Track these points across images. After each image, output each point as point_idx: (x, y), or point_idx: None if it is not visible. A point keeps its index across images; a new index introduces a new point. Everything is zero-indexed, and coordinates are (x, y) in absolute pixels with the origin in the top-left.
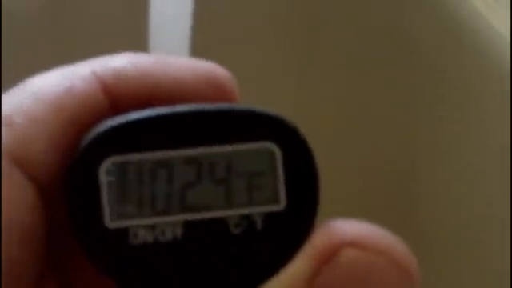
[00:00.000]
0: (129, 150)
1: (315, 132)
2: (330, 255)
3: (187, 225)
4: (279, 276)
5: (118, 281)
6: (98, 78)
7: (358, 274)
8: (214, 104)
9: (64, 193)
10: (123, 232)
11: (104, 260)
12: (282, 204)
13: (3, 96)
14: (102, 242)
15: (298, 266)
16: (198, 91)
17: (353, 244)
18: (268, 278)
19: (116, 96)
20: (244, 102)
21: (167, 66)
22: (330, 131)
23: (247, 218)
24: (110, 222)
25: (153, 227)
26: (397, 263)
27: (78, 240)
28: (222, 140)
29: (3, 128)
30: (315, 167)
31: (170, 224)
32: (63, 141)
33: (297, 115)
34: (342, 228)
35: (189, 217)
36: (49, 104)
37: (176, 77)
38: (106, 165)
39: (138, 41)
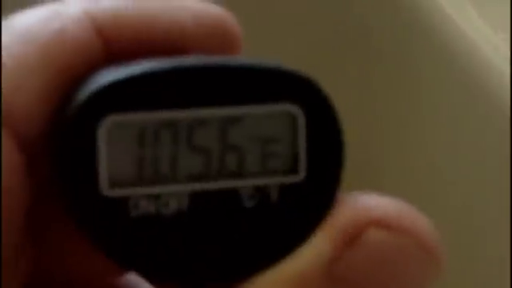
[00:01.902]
0: (131, 108)
1: None
2: (355, 236)
3: (194, 195)
4: (296, 256)
5: (113, 256)
6: (92, 19)
7: (382, 256)
8: (227, 58)
9: (54, 154)
10: (122, 201)
11: (99, 232)
12: (301, 175)
13: None
14: (98, 212)
15: (317, 246)
16: (205, 41)
17: (378, 223)
18: (282, 258)
19: (111, 40)
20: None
21: (170, 8)
22: None
23: (262, 189)
24: (108, 190)
25: (155, 197)
26: (423, 244)
27: (70, 209)
28: (235, 100)
29: None
30: (341, 135)
31: (175, 194)
32: (54, 92)
33: None
34: (367, 204)
35: (196, 187)
36: (39, 49)
37: (180, 22)
38: (105, 124)
39: None
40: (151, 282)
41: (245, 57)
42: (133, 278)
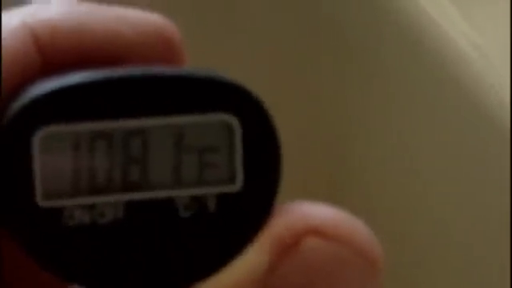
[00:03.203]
0: (65, 119)
1: None
2: (291, 245)
3: (130, 205)
4: (233, 267)
5: (49, 268)
6: (29, 30)
7: (319, 265)
8: (163, 67)
9: None
10: (57, 212)
11: (34, 243)
12: (238, 184)
13: None
14: (33, 223)
15: (253, 257)
16: (144, 50)
17: (315, 232)
18: (219, 269)
19: (49, 52)
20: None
21: (109, 18)
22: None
23: (199, 199)
24: (43, 201)
25: (90, 207)
26: (361, 252)
27: (5, 220)
28: (171, 110)
29: None
30: (278, 145)
31: (111, 204)
32: None
33: None
34: (303, 213)
35: (132, 196)
36: None
37: (118, 31)
38: (40, 135)
39: None
40: None
41: (185, 66)
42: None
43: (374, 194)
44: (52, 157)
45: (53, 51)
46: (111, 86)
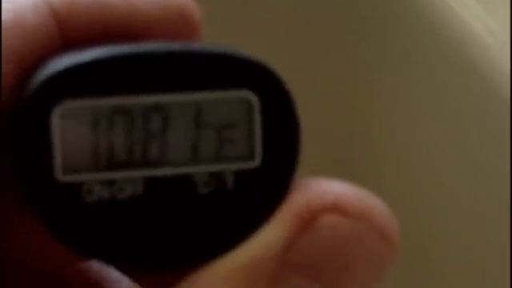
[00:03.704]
0: (85, 93)
1: None
2: (308, 222)
3: (149, 181)
4: (251, 243)
5: (67, 242)
6: (49, 6)
7: (337, 242)
8: (183, 43)
9: (9, 140)
10: (76, 187)
11: (54, 219)
12: (256, 161)
13: None
14: (52, 198)
15: (272, 233)
16: (164, 26)
17: (334, 209)
18: (238, 244)
19: (68, 27)
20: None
21: None
22: None
23: (217, 175)
24: (62, 176)
25: (110, 183)
26: (378, 229)
27: (25, 195)
28: (191, 86)
29: None
30: (297, 121)
31: (130, 180)
32: (9, 79)
33: None
34: (322, 190)
35: (151, 173)
36: None
37: (138, 6)
38: (60, 110)
39: None
40: (110, 266)
41: (203, 43)
42: (95, 263)
43: (384, 172)
44: (71, 132)
45: (71, 26)
46: (130, 62)
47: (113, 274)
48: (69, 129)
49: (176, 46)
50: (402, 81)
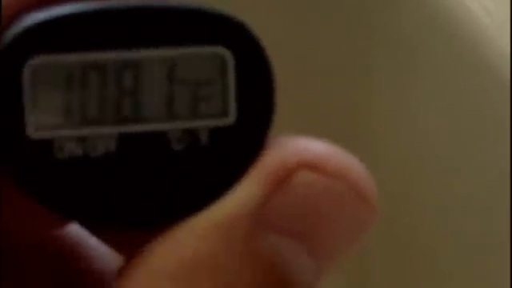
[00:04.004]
0: (58, 49)
1: None
2: (284, 178)
3: (122, 138)
4: (225, 200)
5: (39, 198)
6: None
7: (312, 200)
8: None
9: None
10: (48, 144)
11: (25, 175)
12: (231, 117)
13: None
14: (23, 154)
15: (246, 190)
16: None
17: (309, 166)
18: (212, 201)
19: None
20: None
21: None
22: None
23: (191, 132)
24: (34, 132)
25: (82, 139)
26: (356, 188)
27: None
28: (164, 42)
29: None
30: (272, 78)
31: (103, 136)
32: None
33: None
34: (297, 147)
35: (124, 129)
36: None
37: None
38: (31, 65)
39: None
40: (82, 225)
41: None
42: (73, 229)
43: (380, 150)
44: (43, 88)
45: None
46: (103, 17)
47: (90, 240)
48: (40, 84)
49: (150, 1)
50: (400, 64)
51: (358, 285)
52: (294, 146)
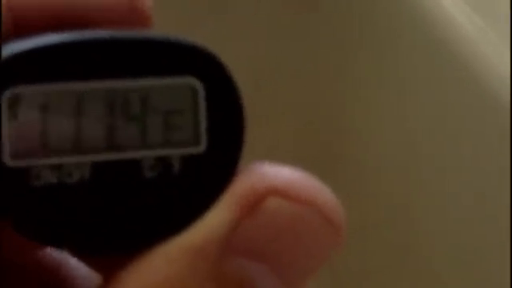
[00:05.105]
0: (34, 80)
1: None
2: (253, 205)
3: (96, 166)
4: (196, 226)
5: (15, 224)
6: None
7: (280, 225)
8: (131, 31)
9: None
10: (25, 172)
11: (1, 201)
12: (202, 146)
13: None
14: (1, 182)
15: (217, 215)
16: (113, 14)
17: (278, 192)
18: (184, 227)
19: (20, 15)
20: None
21: None
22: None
23: (163, 160)
24: (10, 161)
25: (58, 167)
26: (323, 214)
27: None
28: (137, 73)
29: None
30: (241, 107)
31: (77, 164)
32: None
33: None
34: (267, 173)
35: (97, 157)
36: None
37: None
38: (8, 96)
39: None
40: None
41: (151, 31)
42: (53, 251)
43: (369, 167)
44: (20, 117)
45: (23, 13)
46: (76, 49)
47: (71, 260)
48: (17, 115)
49: (122, 33)
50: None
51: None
52: (263, 173)
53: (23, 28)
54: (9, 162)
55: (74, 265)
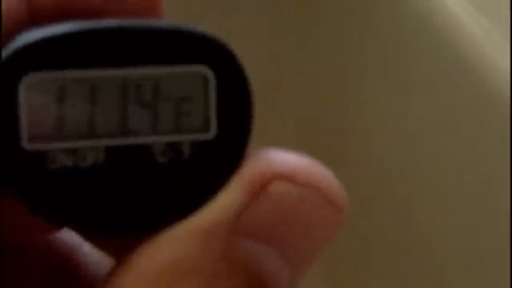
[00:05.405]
0: (49, 67)
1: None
2: (260, 188)
3: (109, 150)
4: (205, 209)
5: (31, 206)
6: None
7: (286, 208)
8: (144, 20)
9: None
10: (41, 155)
11: (19, 185)
12: (212, 132)
13: None
14: (18, 165)
15: (226, 199)
16: (127, 3)
17: (283, 177)
18: (194, 210)
19: (35, 3)
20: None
21: None
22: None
23: (174, 145)
24: (28, 144)
25: (73, 151)
26: (327, 198)
27: None
28: (150, 61)
29: None
30: (250, 95)
31: (92, 149)
32: None
33: None
34: (274, 159)
35: (111, 142)
36: None
37: None
38: (26, 82)
39: None
40: (74, 231)
41: (163, 20)
42: (67, 235)
43: (374, 152)
44: (37, 103)
45: (37, 1)
46: (91, 37)
47: (83, 245)
48: (34, 100)
49: (135, 22)
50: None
51: None
52: (269, 159)
53: (38, 17)
54: (26, 145)
55: (87, 250)
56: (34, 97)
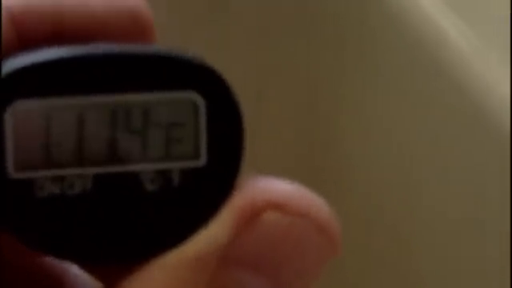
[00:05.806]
0: (37, 94)
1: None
2: (251, 217)
3: (97, 178)
4: (195, 239)
5: (18, 235)
6: (8, 9)
7: (277, 237)
8: (133, 45)
9: None
10: (28, 183)
11: (5, 211)
12: (202, 160)
13: None
14: (5, 194)
15: (217, 228)
16: (117, 28)
17: (274, 205)
18: (184, 240)
19: (23, 28)
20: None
21: None
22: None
23: (164, 173)
24: (14, 173)
25: (61, 179)
26: (318, 227)
27: None
28: (139, 87)
29: None
30: (241, 122)
31: (79, 177)
32: None
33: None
34: (264, 188)
35: (99, 170)
36: None
37: (90, 7)
38: (12, 110)
39: None
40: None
41: (154, 45)
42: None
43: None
44: (23, 131)
45: (27, 27)
46: (79, 63)
47: (73, 268)
48: (20, 128)
49: (124, 47)
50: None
51: None
52: (261, 187)
53: (26, 42)
54: (13, 173)
55: (76, 272)
56: (20, 124)
